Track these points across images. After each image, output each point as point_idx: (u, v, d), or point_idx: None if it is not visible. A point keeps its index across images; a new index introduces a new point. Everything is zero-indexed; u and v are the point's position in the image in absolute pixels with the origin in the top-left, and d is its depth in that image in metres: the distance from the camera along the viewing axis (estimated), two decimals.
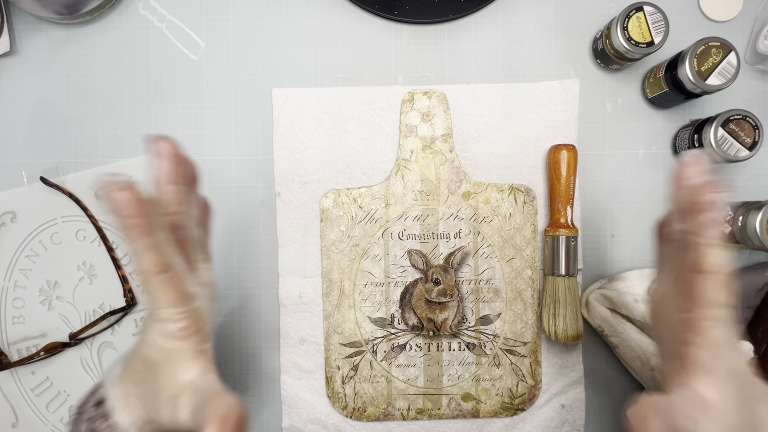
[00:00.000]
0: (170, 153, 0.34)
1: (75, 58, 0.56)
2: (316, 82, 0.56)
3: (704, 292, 0.32)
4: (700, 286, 0.32)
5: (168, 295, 0.33)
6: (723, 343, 0.32)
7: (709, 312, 0.32)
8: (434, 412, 0.54)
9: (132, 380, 0.35)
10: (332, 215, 0.54)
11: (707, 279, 0.32)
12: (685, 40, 0.53)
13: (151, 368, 0.35)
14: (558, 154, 0.53)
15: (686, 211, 0.32)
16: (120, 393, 0.35)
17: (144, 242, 0.32)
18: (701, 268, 0.32)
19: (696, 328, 0.32)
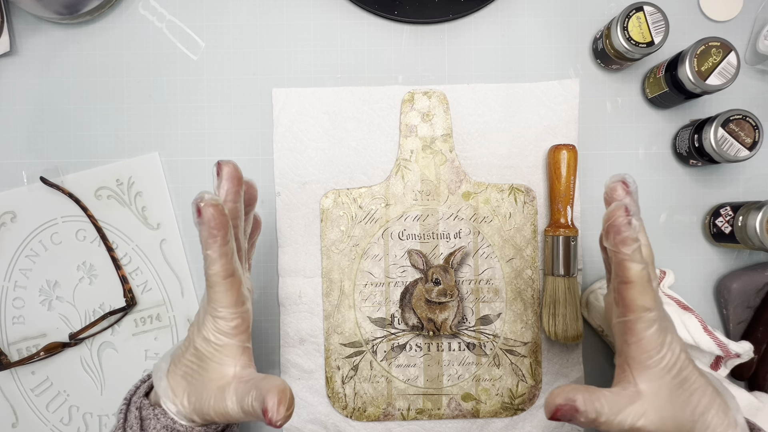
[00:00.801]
0: (231, 175, 0.39)
1: (75, 58, 0.56)
2: (316, 82, 0.56)
3: (632, 299, 0.36)
4: (628, 295, 0.37)
5: (230, 296, 0.38)
6: (656, 342, 0.36)
7: (639, 315, 0.36)
8: (434, 412, 0.54)
9: (180, 374, 0.40)
10: (332, 215, 0.54)
11: (633, 288, 0.36)
12: (685, 40, 0.53)
13: (200, 362, 0.39)
14: (558, 154, 0.53)
15: (607, 232, 0.37)
16: (167, 385, 0.40)
17: (219, 250, 0.37)
18: (626, 280, 0.36)
19: (631, 330, 0.37)
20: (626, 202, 0.36)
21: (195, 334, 0.40)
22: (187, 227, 0.55)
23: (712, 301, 0.55)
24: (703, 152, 0.50)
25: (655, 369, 0.37)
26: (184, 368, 0.40)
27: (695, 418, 0.36)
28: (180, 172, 0.55)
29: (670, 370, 0.37)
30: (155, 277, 0.55)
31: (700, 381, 0.37)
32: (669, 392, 0.36)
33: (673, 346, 0.37)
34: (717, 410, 0.37)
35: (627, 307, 0.37)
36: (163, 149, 0.56)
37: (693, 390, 0.37)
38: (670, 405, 0.36)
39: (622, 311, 0.37)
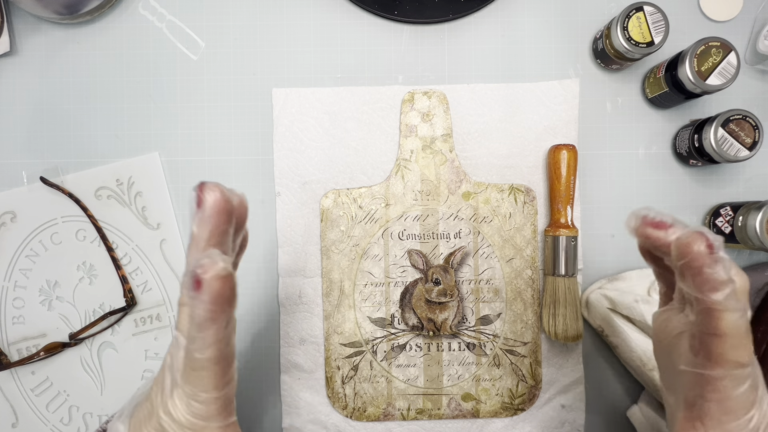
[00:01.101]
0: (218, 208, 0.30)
1: (75, 58, 0.56)
2: (316, 82, 0.56)
3: (722, 354, 0.30)
4: (717, 348, 0.30)
5: (217, 380, 0.31)
6: (745, 402, 0.30)
7: (730, 372, 0.30)
8: (434, 412, 0.54)
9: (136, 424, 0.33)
10: (332, 215, 0.54)
11: (725, 342, 0.29)
12: (685, 40, 0.53)
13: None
14: (558, 154, 0.53)
15: (683, 273, 0.29)
16: None
17: (219, 334, 0.29)
18: (717, 332, 0.29)
19: (714, 387, 0.30)
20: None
21: (159, 405, 0.32)
22: (187, 227, 0.55)
23: None
24: (703, 152, 0.50)
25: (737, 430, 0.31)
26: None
27: None
28: (180, 172, 0.55)
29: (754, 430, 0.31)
30: (155, 277, 0.55)
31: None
32: None
33: (763, 404, 0.31)
34: None
35: (714, 362, 0.30)
36: (163, 149, 0.56)
37: None
38: None
39: (703, 363, 0.30)
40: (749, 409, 0.30)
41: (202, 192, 0.29)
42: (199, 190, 0.29)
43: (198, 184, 0.30)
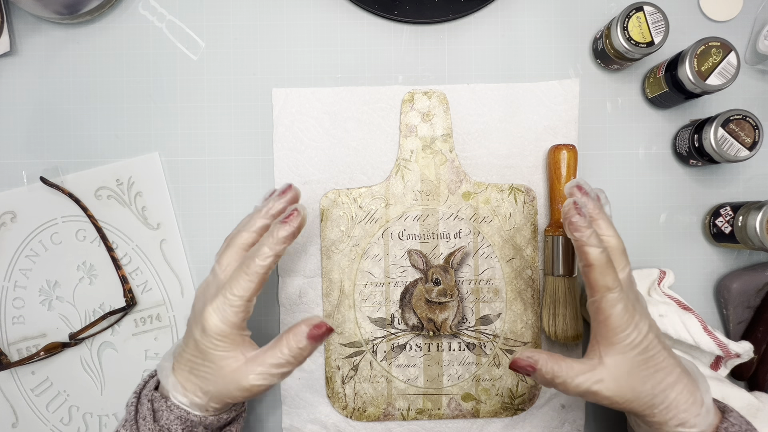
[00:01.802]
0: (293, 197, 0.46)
1: (75, 58, 0.56)
2: (316, 82, 0.56)
3: (595, 280, 0.41)
4: (591, 276, 0.41)
5: (254, 289, 0.41)
6: (622, 321, 0.40)
7: (603, 295, 0.40)
8: (434, 412, 0.54)
9: (186, 370, 0.42)
10: (332, 215, 0.54)
11: (594, 270, 0.41)
12: (685, 40, 0.53)
13: (203, 357, 0.41)
14: (558, 154, 0.53)
15: (563, 223, 0.42)
16: (176, 381, 0.42)
17: (282, 251, 0.41)
18: (587, 263, 0.41)
19: (598, 309, 0.41)
20: (575, 199, 0.43)
21: (194, 328, 0.41)
22: (187, 227, 0.55)
23: (712, 301, 0.55)
24: (703, 152, 0.50)
25: (620, 345, 0.40)
26: (189, 364, 0.42)
27: (656, 392, 0.40)
28: (180, 172, 0.55)
29: (635, 347, 0.40)
30: (155, 277, 0.55)
31: (667, 361, 0.40)
32: (630, 366, 0.40)
33: (640, 326, 0.40)
34: (683, 389, 0.40)
35: (592, 288, 0.41)
36: (163, 149, 0.56)
37: (658, 368, 0.40)
38: (629, 377, 0.40)
39: (590, 293, 0.42)
40: (626, 327, 0.40)
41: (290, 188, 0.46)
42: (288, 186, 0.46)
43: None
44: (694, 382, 0.41)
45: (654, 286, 0.52)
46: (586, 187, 0.45)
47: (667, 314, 0.49)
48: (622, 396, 0.40)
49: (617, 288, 0.40)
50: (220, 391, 0.41)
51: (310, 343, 0.40)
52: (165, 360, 0.43)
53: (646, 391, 0.40)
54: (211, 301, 0.41)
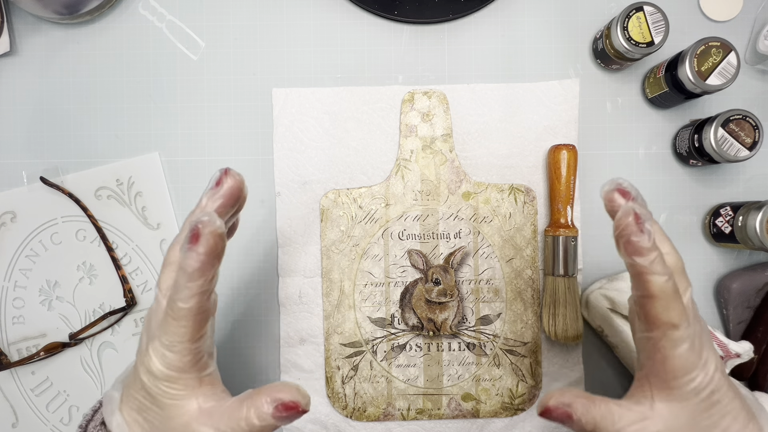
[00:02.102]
0: (232, 193, 0.35)
1: (75, 58, 0.56)
2: (316, 82, 0.56)
3: (656, 315, 0.33)
4: (651, 310, 0.33)
5: (193, 332, 0.33)
6: (687, 362, 0.33)
7: (665, 333, 0.33)
8: (434, 412, 0.54)
9: (134, 408, 0.35)
10: (332, 215, 0.54)
11: (656, 303, 0.33)
12: (685, 40, 0.53)
13: (151, 399, 0.34)
14: (558, 154, 0.53)
15: (618, 243, 0.33)
16: (122, 420, 0.35)
17: (204, 286, 0.32)
18: (647, 294, 0.33)
19: (656, 347, 0.34)
20: (632, 206, 0.32)
21: (139, 365, 0.35)
22: None
23: (712, 301, 0.55)
24: (703, 152, 0.50)
25: (681, 390, 0.33)
26: (137, 403, 0.35)
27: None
28: (180, 172, 0.56)
29: (699, 393, 0.33)
30: (155, 277, 0.55)
31: (733, 404, 0.34)
32: (692, 415, 0.33)
33: (707, 366, 0.33)
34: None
35: (651, 323, 0.33)
36: (163, 149, 0.56)
37: (724, 413, 0.33)
38: (689, 428, 0.33)
39: (645, 326, 0.34)
40: (690, 370, 0.33)
41: (226, 175, 0.34)
42: (223, 173, 0.35)
43: (224, 168, 0.35)
44: (758, 426, 0.34)
45: None
46: (632, 190, 0.34)
47: None
48: None
49: (683, 323, 0.33)
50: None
51: (275, 421, 0.33)
52: (113, 389, 0.37)
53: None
54: (152, 340, 0.34)
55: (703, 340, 0.34)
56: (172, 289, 0.33)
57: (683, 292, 0.34)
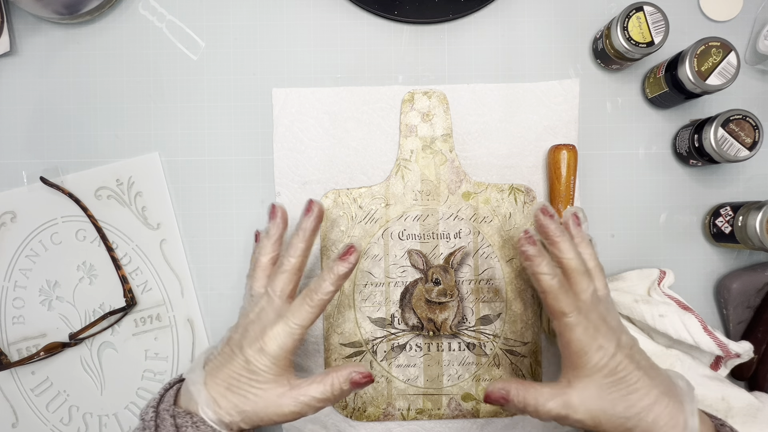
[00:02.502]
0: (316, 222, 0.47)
1: (75, 58, 0.56)
2: (316, 82, 0.56)
3: (551, 306, 0.42)
4: (547, 302, 0.42)
5: (314, 318, 0.44)
6: (582, 344, 0.40)
7: (560, 320, 0.41)
8: (434, 412, 0.54)
9: (223, 386, 0.42)
10: (332, 215, 0.54)
11: (548, 297, 0.42)
12: (685, 40, 0.53)
13: (252, 375, 0.42)
14: (558, 153, 0.53)
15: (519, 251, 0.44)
16: (208, 397, 0.42)
17: (341, 284, 0.44)
18: (541, 290, 0.43)
19: (559, 333, 0.42)
20: (540, 219, 0.45)
21: (246, 347, 0.43)
22: (187, 227, 0.55)
23: (712, 301, 0.55)
24: (703, 152, 0.50)
25: (584, 368, 0.40)
26: (230, 381, 0.42)
27: (629, 415, 0.39)
28: (180, 172, 0.56)
29: (601, 369, 0.40)
30: (155, 277, 0.55)
31: (641, 382, 0.40)
32: (599, 388, 0.40)
33: (605, 347, 0.40)
34: (662, 411, 0.39)
35: (551, 314, 0.43)
36: (163, 149, 0.56)
37: (630, 390, 0.40)
38: (599, 400, 0.40)
39: (551, 317, 0.43)
40: (587, 350, 0.40)
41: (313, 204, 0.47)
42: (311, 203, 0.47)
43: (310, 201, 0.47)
44: (678, 404, 0.40)
45: (654, 286, 0.52)
46: (551, 209, 0.46)
47: (667, 314, 0.49)
48: (593, 419, 0.40)
49: (573, 312, 0.41)
50: (257, 412, 0.42)
51: (351, 388, 0.43)
52: (193, 372, 0.43)
53: (618, 413, 0.39)
54: (272, 326, 0.43)
55: (600, 328, 0.41)
56: (314, 283, 0.44)
57: (584, 290, 0.42)
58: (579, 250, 0.45)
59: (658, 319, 0.49)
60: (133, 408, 0.55)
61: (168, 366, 0.55)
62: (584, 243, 0.46)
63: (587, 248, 0.46)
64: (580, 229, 0.46)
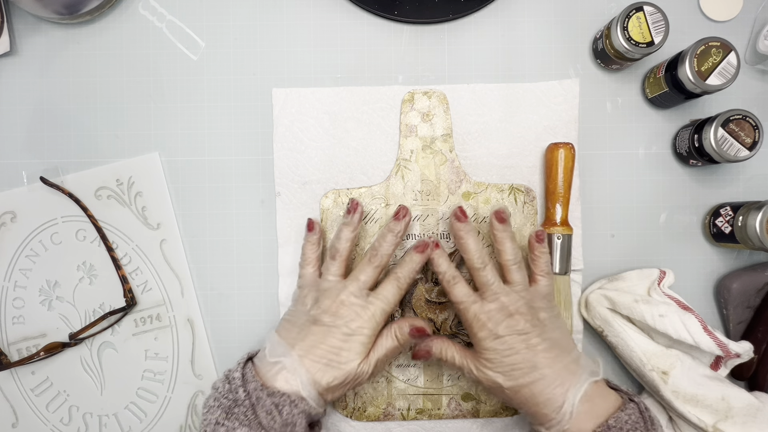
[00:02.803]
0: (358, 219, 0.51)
1: (75, 58, 0.56)
2: (316, 82, 0.56)
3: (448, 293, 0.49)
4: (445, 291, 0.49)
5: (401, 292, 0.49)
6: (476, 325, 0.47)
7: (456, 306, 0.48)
8: (434, 412, 0.54)
9: (323, 361, 0.46)
10: (332, 215, 0.54)
11: (445, 287, 0.49)
12: (685, 40, 0.53)
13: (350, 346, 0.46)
14: (555, 152, 0.52)
15: None
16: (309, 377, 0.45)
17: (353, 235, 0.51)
18: (440, 281, 0.50)
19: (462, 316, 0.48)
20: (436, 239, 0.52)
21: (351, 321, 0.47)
22: (187, 227, 0.55)
23: (712, 301, 0.55)
24: (703, 152, 0.50)
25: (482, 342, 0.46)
26: (329, 355, 0.46)
27: (515, 389, 0.45)
28: (180, 172, 0.56)
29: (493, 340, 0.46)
30: (155, 277, 0.55)
31: (525, 363, 0.45)
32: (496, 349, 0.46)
33: (489, 328, 0.46)
34: (542, 389, 0.44)
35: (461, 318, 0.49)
36: (163, 149, 0.56)
37: (514, 368, 0.45)
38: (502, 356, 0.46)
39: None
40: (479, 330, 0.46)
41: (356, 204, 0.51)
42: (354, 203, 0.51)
43: (352, 202, 0.51)
44: (561, 385, 0.44)
45: (654, 286, 0.52)
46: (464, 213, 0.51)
47: (667, 314, 0.49)
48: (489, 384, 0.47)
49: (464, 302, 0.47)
50: (347, 382, 0.46)
51: (411, 338, 0.48)
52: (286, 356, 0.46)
53: (508, 386, 0.45)
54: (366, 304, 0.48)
55: (495, 318, 0.46)
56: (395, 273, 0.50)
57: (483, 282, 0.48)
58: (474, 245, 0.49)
59: (658, 319, 0.49)
60: (133, 408, 0.55)
61: (168, 366, 0.55)
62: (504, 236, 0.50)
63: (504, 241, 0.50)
64: (462, 224, 0.50)
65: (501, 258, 0.49)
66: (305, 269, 0.51)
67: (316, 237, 0.52)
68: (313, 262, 0.51)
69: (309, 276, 0.51)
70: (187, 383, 0.55)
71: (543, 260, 0.49)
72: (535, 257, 0.49)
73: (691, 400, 0.48)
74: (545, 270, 0.49)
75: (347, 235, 0.50)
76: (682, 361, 0.49)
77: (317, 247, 0.52)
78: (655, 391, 0.50)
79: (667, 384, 0.49)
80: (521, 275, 0.48)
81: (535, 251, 0.49)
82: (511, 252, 0.48)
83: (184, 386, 0.55)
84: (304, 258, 0.52)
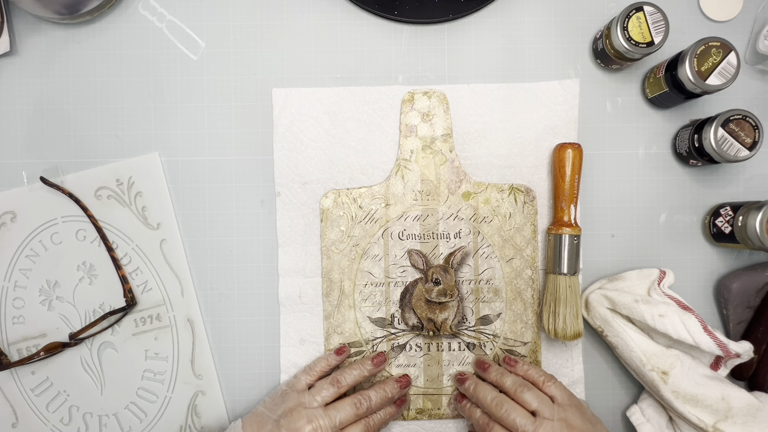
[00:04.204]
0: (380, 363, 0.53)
1: (75, 58, 0.56)
2: (316, 82, 0.56)
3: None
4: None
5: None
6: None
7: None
8: (434, 412, 0.54)
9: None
10: (332, 215, 0.54)
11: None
12: (685, 40, 0.53)
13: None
14: (563, 152, 0.52)
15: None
16: None
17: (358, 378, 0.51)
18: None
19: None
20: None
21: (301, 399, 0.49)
22: (187, 227, 0.55)
23: (712, 301, 0.55)
24: (703, 152, 0.50)
25: None
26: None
27: None
28: (180, 172, 0.56)
29: None
30: (155, 277, 0.55)
31: None
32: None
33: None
34: None
35: None
36: (163, 149, 0.56)
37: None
38: None
39: None
40: None
41: (384, 359, 0.53)
42: (383, 356, 0.53)
43: (380, 355, 0.53)
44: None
45: (654, 286, 0.52)
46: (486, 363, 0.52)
47: (667, 314, 0.49)
48: None
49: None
50: None
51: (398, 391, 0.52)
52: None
53: None
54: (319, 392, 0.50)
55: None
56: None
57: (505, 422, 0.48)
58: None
59: (658, 319, 0.49)
60: (133, 408, 0.55)
61: (168, 366, 0.55)
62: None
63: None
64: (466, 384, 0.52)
65: (505, 390, 0.49)
66: (304, 378, 0.51)
67: (336, 361, 0.53)
68: (315, 377, 0.52)
69: (301, 385, 0.51)
70: (187, 383, 0.55)
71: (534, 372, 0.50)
72: (527, 377, 0.50)
73: (691, 400, 0.48)
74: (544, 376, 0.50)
75: (359, 375, 0.51)
76: (682, 361, 0.49)
77: (330, 369, 0.52)
78: (655, 391, 0.50)
79: (667, 384, 0.49)
80: (533, 393, 0.48)
81: (520, 372, 0.51)
82: (510, 382, 0.49)
83: (184, 386, 0.55)
84: (311, 368, 0.52)
